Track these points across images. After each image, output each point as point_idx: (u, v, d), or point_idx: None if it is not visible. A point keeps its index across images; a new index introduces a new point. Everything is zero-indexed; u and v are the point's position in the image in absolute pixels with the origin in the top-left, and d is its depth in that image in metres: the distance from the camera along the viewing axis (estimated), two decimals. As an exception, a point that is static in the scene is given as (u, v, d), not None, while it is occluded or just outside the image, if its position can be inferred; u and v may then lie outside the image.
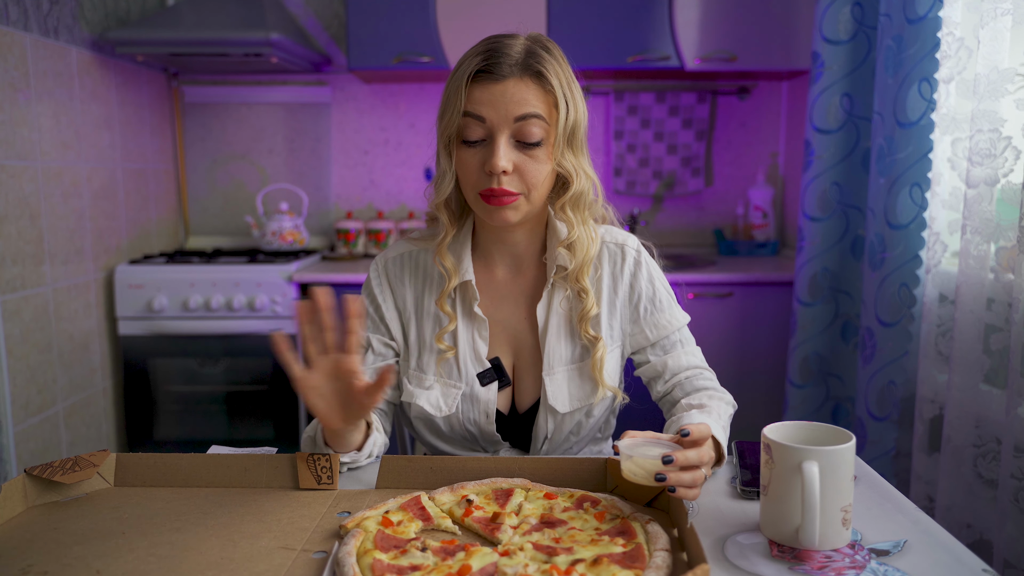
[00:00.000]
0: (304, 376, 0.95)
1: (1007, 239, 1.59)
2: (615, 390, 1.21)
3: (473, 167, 1.09)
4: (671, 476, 0.89)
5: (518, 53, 1.08)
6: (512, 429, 1.23)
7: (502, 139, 1.07)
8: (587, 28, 2.68)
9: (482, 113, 1.07)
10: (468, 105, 1.07)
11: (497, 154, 1.06)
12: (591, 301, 1.18)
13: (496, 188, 1.07)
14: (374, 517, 0.90)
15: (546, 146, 1.09)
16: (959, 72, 1.75)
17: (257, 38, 2.54)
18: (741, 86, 3.09)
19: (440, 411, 1.19)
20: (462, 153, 1.10)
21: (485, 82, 1.07)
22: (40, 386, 2.27)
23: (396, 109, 3.14)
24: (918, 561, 0.83)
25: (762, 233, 3.05)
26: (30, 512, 0.96)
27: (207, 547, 0.86)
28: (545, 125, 1.08)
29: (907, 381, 1.95)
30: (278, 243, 2.96)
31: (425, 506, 0.94)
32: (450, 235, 1.17)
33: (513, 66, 1.07)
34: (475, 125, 1.08)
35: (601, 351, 1.18)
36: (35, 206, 2.24)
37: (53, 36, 2.33)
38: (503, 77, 1.07)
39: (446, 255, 1.17)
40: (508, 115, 1.07)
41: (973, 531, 1.68)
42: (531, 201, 1.11)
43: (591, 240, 1.17)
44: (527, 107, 1.07)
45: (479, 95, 1.07)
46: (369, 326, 1.24)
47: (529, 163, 1.09)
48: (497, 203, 1.09)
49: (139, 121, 2.86)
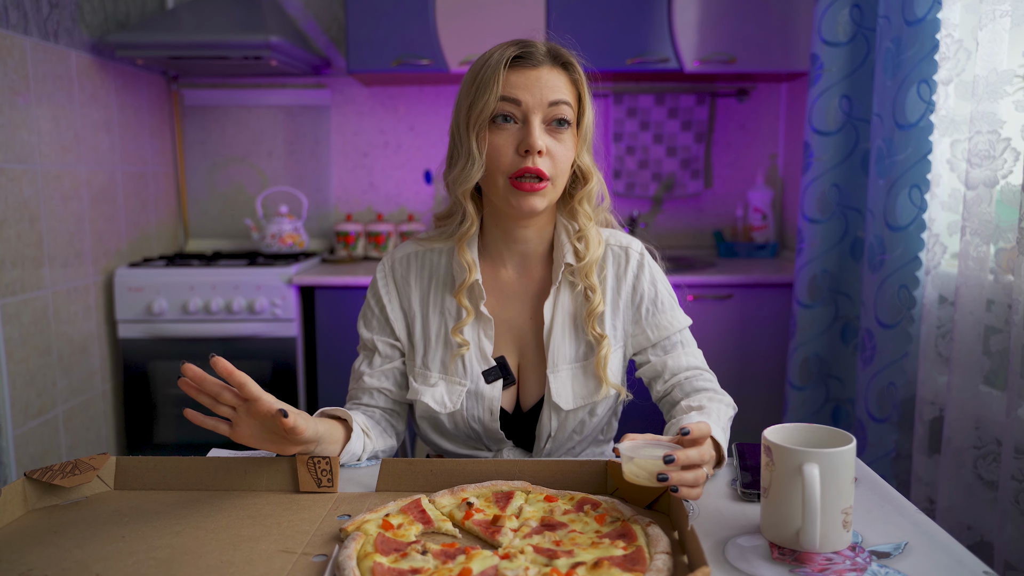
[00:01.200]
0: (234, 432, 0.99)
1: (1006, 240, 1.59)
2: (618, 387, 1.22)
3: (507, 149, 1.12)
4: (673, 476, 0.89)
5: (547, 47, 1.16)
6: (516, 427, 1.24)
7: (536, 120, 1.12)
8: (586, 30, 2.68)
9: (519, 96, 1.11)
10: (505, 89, 1.12)
11: (533, 133, 1.11)
12: (598, 298, 1.20)
13: (532, 167, 1.11)
14: (374, 520, 0.90)
15: (572, 131, 1.15)
16: (958, 74, 1.75)
17: (256, 41, 2.54)
18: (740, 88, 3.09)
19: (444, 407, 1.20)
20: (495, 137, 1.13)
21: (521, 67, 1.13)
22: (40, 389, 2.27)
23: (395, 112, 3.14)
24: (919, 563, 0.83)
25: (761, 235, 3.05)
26: (30, 516, 0.96)
27: (207, 550, 0.86)
28: (572, 112, 1.15)
29: (907, 383, 1.95)
30: (278, 246, 2.96)
31: (425, 509, 0.93)
32: (475, 224, 1.19)
33: (545, 56, 1.14)
34: (512, 107, 1.12)
35: (606, 349, 1.19)
36: (34, 209, 2.24)
37: (53, 39, 2.33)
38: (538, 64, 1.13)
39: (466, 250, 1.20)
40: (543, 99, 1.12)
41: (974, 533, 1.67)
42: (556, 188, 1.15)
43: (598, 242, 1.21)
44: (560, 93, 1.13)
45: (516, 79, 1.12)
46: (375, 327, 1.25)
47: (558, 148, 1.13)
48: (529, 187, 1.12)
49: (139, 124, 2.86)
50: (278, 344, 2.62)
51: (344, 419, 1.11)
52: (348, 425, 1.11)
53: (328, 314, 2.63)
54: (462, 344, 1.20)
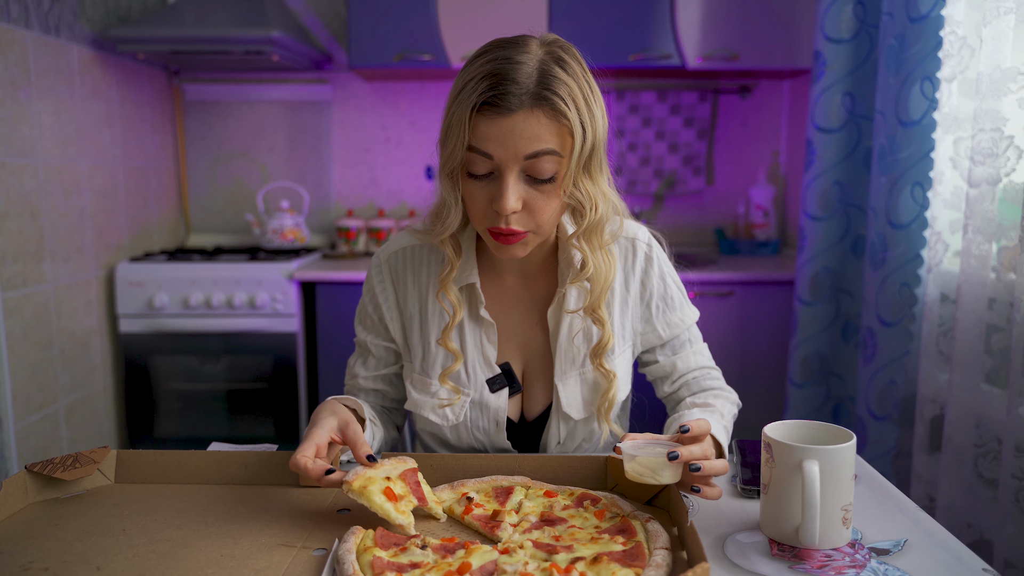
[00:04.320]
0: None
1: (1009, 238, 1.59)
2: (617, 430, 1.16)
3: (480, 201, 1.01)
4: (683, 452, 0.88)
5: (528, 78, 0.95)
6: (521, 438, 1.20)
7: (511, 178, 0.97)
8: (588, 26, 2.68)
9: (488, 150, 0.96)
10: (473, 140, 0.97)
11: (505, 195, 0.97)
12: (608, 333, 1.10)
13: (503, 228, 1.00)
14: (378, 481, 0.89)
15: (558, 179, 1.00)
16: (961, 71, 1.75)
17: (258, 36, 2.54)
18: (742, 85, 3.08)
19: (447, 420, 1.14)
20: (468, 185, 1.01)
21: (491, 116, 0.95)
22: (41, 383, 2.27)
23: (397, 107, 3.14)
24: (918, 560, 0.83)
25: (763, 232, 3.04)
26: (31, 508, 0.96)
27: (207, 544, 0.86)
28: (558, 159, 0.98)
29: (908, 381, 1.95)
30: (279, 241, 2.96)
31: (420, 482, 0.93)
32: (455, 269, 1.10)
33: (523, 96, 0.95)
34: (481, 160, 0.98)
35: (614, 390, 1.13)
36: (36, 203, 2.24)
37: (54, 34, 2.33)
38: (511, 111, 0.95)
39: (450, 288, 1.11)
40: (518, 153, 0.96)
41: (973, 531, 1.67)
42: (541, 235, 1.04)
43: (609, 265, 1.09)
44: (538, 144, 0.96)
45: (485, 130, 0.96)
46: (369, 327, 1.20)
47: (540, 199, 1.00)
48: (506, 241, 1.02)
49: (140, 119, 2.86)
50: (279, 339, 2.62)
51: (355, 410, 1.09)
52: (360, 415, 1.09)
53: (329, 310, 2.63)
54: (453, 356, 1.13)
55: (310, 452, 0.91)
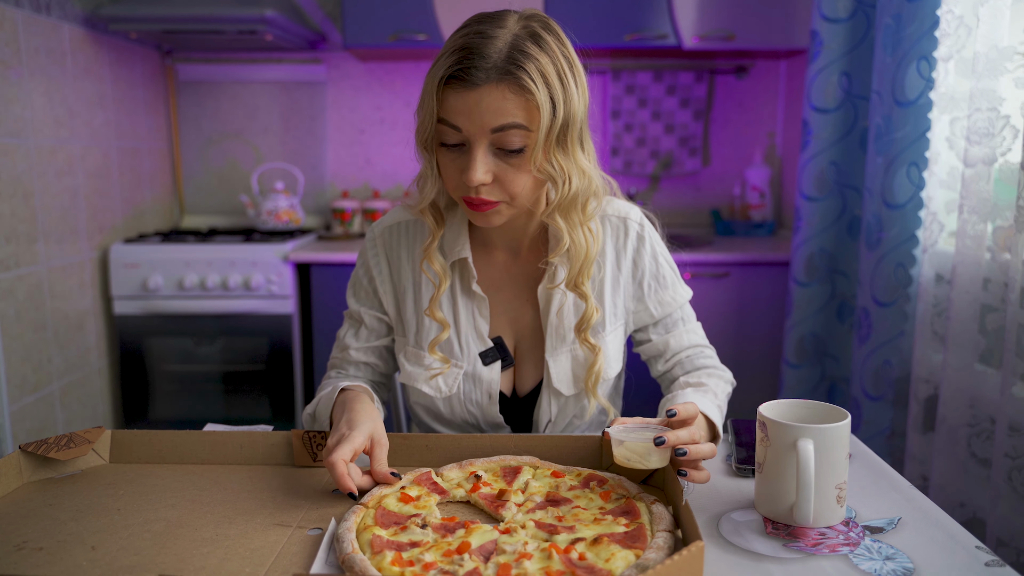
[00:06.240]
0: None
1: (1004, 219, 1.59)
2: (607, 405, 1.18)
3: (453, 171, 1.03)
4: (670, 437, 0.89)
5: (497, 53, 0.96)
6: (513, 413, 1.21)
7: (479, 150, 0.99)
8: (584, 6, 2.66)
9: (456, 122, 0.99)
10: (442, 112, 0.99)
11: (473, 167, 0.99)
12: (591, 307, 1.11)
13: (475, 198, 1.02)
14: (392, 494, 0.90)
15: (527, 152, 1.00)
16: (958, 50, 1.74)
17: (251, 15, 2.51)
18: (739, 65, 3.07)
19: (440, 392, 1.16)
20: (442, 156, 1.04)
21: (458, 89, 0.97)
22: (35, 365, 2.27)
23: (392, 87, 3.12)
24: (912, 538, 0.83)
25: (759, 213, 3.04)
26: (25, 488, 0.96)
27: (202, 523, 0.86)
28: (526, 132, 0.99)
29: (902, 361, 1.96)
30: (273, 222, 2.95)
31: (436, 481, 0.94)
32: (437, 238, 1.12)
33: (490, 70, 0.96)
34: (451, 132, 1.00)
35: (600, 363, 1.14)
36: (28, 184, 2.23)
37: (45, 12, 2.30)
38: (476, 84, 0.96)
39: (434, 257, 1.12)
40: (484, 126, 0.98)
41: (966, 509, 1.69)
42: (516, 206, 1.05)
43: (590, 241, 1.10)
44: (504, 117, 0.97)
45: (453, 103, 0.98)
46: (363, 299, 1.22)
47: (509, 172, 1.01)
48: (479, 209, 1.04)
49: (133, 99, 2.84)
50: (274, 321, 2.61)
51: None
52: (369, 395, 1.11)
53: (324, 291, 2.63)
54: (441, 326, 1.14)
55: (348, 455, 0.91)
